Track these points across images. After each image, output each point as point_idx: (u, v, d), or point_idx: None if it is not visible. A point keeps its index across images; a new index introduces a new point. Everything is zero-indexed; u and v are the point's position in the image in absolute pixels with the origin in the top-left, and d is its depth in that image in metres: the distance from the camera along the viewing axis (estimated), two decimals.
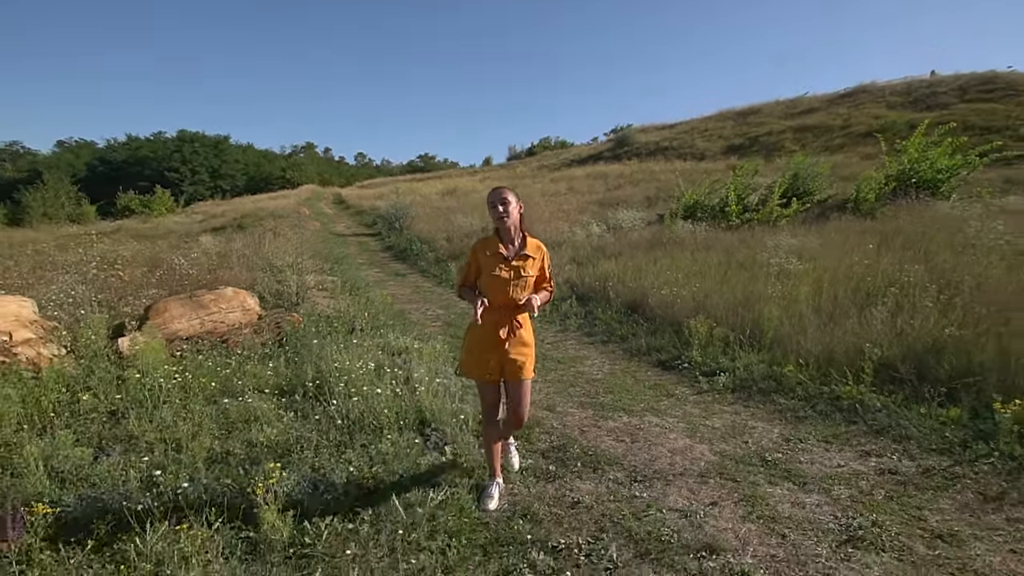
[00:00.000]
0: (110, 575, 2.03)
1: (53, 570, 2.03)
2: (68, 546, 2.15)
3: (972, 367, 3.68)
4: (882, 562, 2.14)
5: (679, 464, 2.97)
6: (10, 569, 2.00)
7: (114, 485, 2.63)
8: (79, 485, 2.66)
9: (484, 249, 2.51)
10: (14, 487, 2.62)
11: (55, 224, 34.29)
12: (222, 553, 2.07)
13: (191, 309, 4.94)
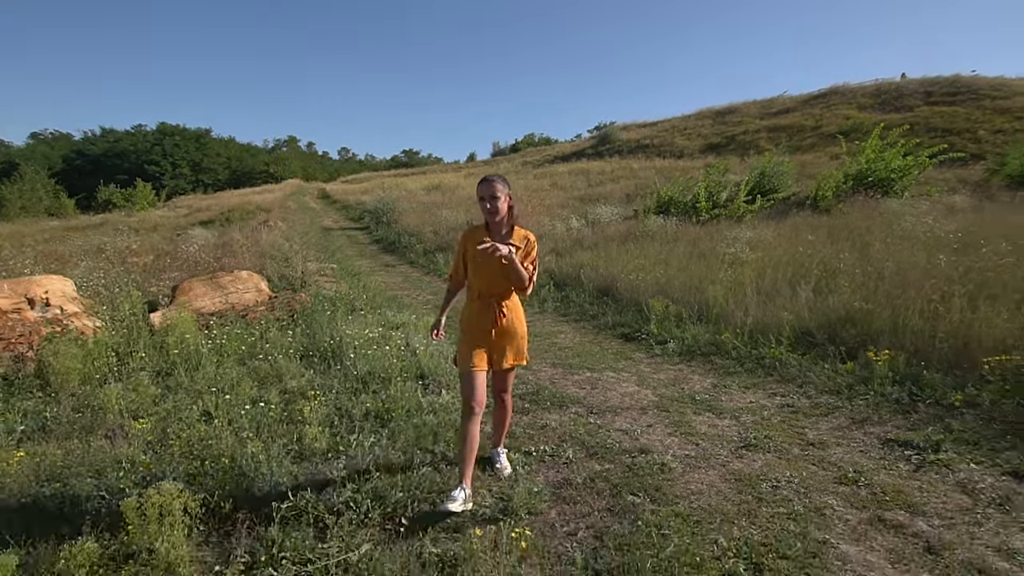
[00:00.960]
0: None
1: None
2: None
3: (871, 332, 4.54)
4: (765, 459, 2.94)
5: (627, 402, 3.76)
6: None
7: (180, 417, 3.33)
8: (151, 417, 3.35)
9: (471, 239, 2.57)
10: (99, 418, 3.31)
11: (34, 218, 34.01)
12: (278, 457, 2.79)
13: (212, 289, 5.61)
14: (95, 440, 3.03)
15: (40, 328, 4.50)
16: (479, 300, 2.57)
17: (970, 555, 2.11)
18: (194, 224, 23.40)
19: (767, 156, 15.50)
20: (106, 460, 2.80)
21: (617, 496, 2.56)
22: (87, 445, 2.98)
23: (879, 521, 2.36)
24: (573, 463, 2.90)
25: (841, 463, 2.88)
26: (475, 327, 2.57)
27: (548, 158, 39.51)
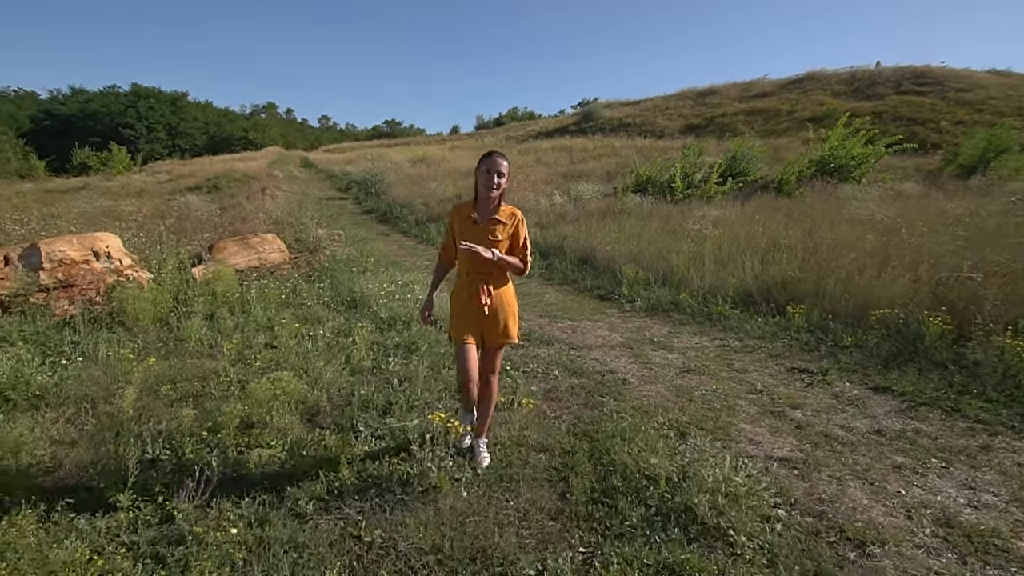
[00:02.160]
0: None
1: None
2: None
3: (799, 294, 5.60)
4: (700, 379, 3.97)
5: (600, 342, 4.77)
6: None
7: (250, 344, 4.21)
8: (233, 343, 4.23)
9: (458, 215, 2.63)
10: (184, 346, 4.18)
11: (4, 180, 33.17)
12: (337, 370, 3.70)
13: (244, 248, 6.41)
14: (189, 359, 3.90)
15: (106, 277, 5.28)
16: (468, 277, 2.59)
17: (823, 430, 3.16)
18: (181, 190, 23.55)
19: (739, 141, 16.44)
20: (204, 371, 3.68)
21: (590, 397, 3.56)
22: (183, 362, 3.85)
23: (770, 413, 3.40)
24: (558, 378, 3.89)
25: (754, 382, 3.92)
26: (464, 305, 2.60)
27: (532, 133, 39.81)
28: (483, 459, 2.69)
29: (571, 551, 2.10)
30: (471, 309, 2.58)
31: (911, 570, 2.02)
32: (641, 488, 2.47)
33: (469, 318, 2.59)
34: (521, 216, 2.64)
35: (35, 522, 2.07)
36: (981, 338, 4.01)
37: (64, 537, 2.01)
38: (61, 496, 2.30)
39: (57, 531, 2.08)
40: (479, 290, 2.55)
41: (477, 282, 2.55)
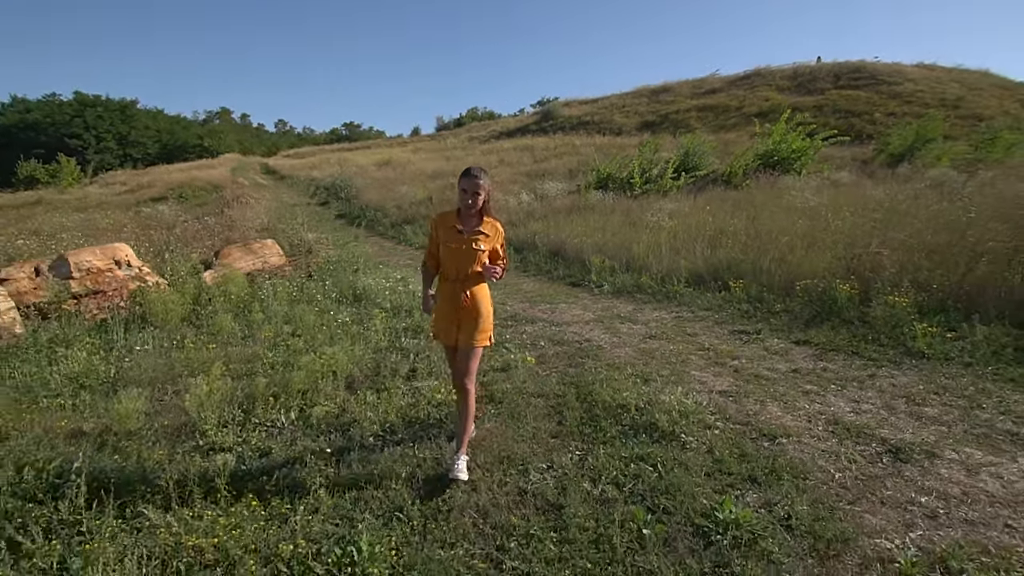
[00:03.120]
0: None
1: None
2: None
3: (741, 272, 6.57)
4: (659, 343, 4.85)
5: (575, 319, 5.62)
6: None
7: (276, 334, 4.87)
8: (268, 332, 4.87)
9: (443, 223, 2.75)
10: (219, 336, 4.80)
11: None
12: (360, 348, 4.41)
13: (247, 254, 6.99)
14: (230, 348, 4.54)
15: (128, 283, 5.82)
16: (449, 283, 2.75)
17: (754, 372, 4.07)
18: (145, 201, 23.31)
19: (691, 137, 17.55)
20: (246, 355, 4.34)
21: (572, 359, 4.40)
22: (226, 350, 4.48)
23: (715, 363, 4.31)
24: (545, 347, 4.71)
25: (703, 342, 4.83)
26: (445, 307, 2.76)
27: (494, 134, 40.36)
28: (460, 473, 2.65)
29: (570, 453, 2.91)
30: (450, 308, 2.74)
31: (805, 450, 2.92)
32: (617, 413, 3.30)
33: (449, 318, 2.75)
34: (502, 228, 2.84)
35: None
36: (879, 299, 5.03)
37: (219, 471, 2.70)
38: (183, 439, 2.98)
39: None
40: (458, 290, 2.71)
41: (457, 283, 2.72)
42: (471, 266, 2.70)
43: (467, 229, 2.69)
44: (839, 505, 2.43)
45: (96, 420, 3.25)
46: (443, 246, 2.73)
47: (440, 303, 2.81)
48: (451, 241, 2.69)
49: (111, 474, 2.59)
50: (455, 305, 2.73)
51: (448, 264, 2.74)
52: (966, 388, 3.64)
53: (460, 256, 2.69)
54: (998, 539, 2.20)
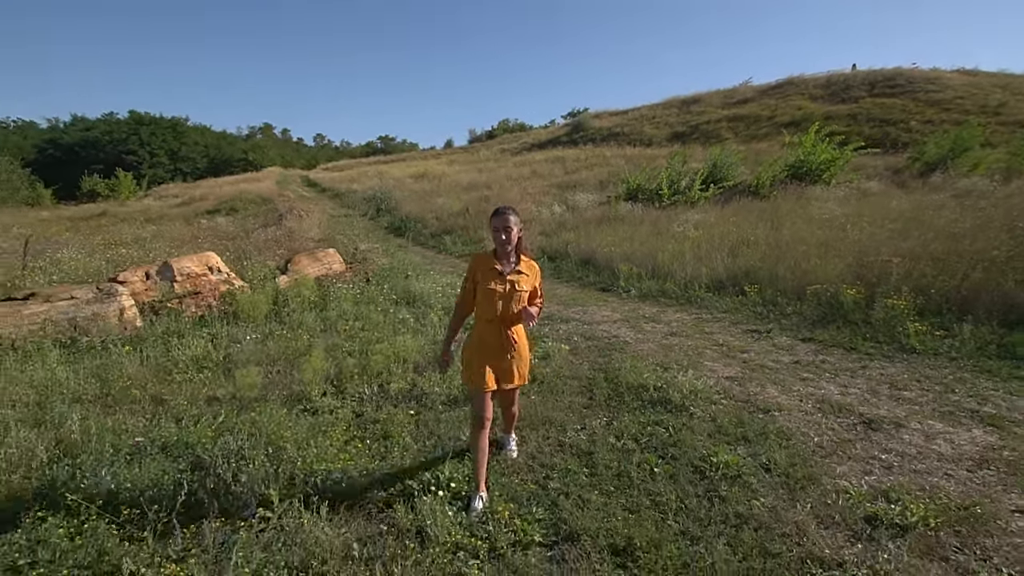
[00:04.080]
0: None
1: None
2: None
3: (758, 279, 7.16)
4: (679, 339, 5.51)
5: (605, 319, 6.32)
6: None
7: (351, 329, 5.73)
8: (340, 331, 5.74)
9: (481, 264, 2.71)
10: (302, 331, 5.69)
11: (16, 208, 34.26)
12: (423, 340, 5.21)
13: (314, 261, 7.94)
14: (315, 338, 5.42)
15: (219, 286, 6.80)
16: (488, 324, 2.71)
17: (760, 363, 4.71)
18: (201, 213, 24.93)
19: (719, 148, 17.98)
20: (328, 345, 5.19)
21: (601, 351, 5.11)
22: (311, 341, 5.36)
23: (726, 356, 4.95)
24: (577, 341, 5.43)
25: (718, 339, 5.47)
26: (485, 350, 2.72)
27: (525, 145, 41.07)
28: (512, 452, 3.16)
29: (598, 419, 3.64)
30: (492, 351, 2.71)
31: (793, 420, 3.57)
32: (638, 391, 4.01)
33: (488, 360, 2.71)
34: (539, 268, 2.85)
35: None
36: (881, 302, 5.58)
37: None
38: (295, 403, 3.82)
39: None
40: (501, 333, 2.70)
41: (500, 326, 2.70)
42: (513, 306, 2.69)
43: (507, 269, 2.68)
44: (813, 458, 3.09)
45: (224, 390, 4.13)
46: (481, 288, 2.69)
47: (476, 347, 2.76)
48: (491, 282, 2.66)
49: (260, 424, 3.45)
50: (498, 347, 2.72)
51: (487, 306, 2.69)
52: (945, 377, 4.21)
53: (501, 297, 2.66)
54: (935, 483, 2.82)
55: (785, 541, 2.36)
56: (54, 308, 5.51)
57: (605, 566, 2.25)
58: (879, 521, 2.48)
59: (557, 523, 2.53)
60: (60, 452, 3.03)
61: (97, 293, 5.81)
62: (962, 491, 2.72)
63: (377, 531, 2.47)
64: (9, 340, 5.05)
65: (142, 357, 4.80)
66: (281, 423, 3.40)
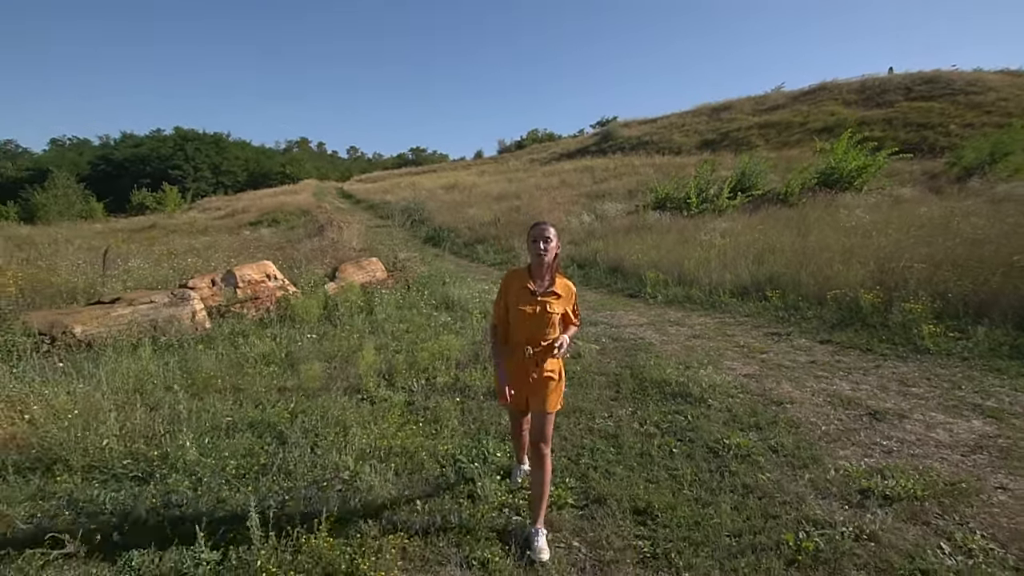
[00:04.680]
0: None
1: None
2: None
3: (781, 284, 7.43)
4: (702, 341, 5.85)
5: (631, 322, 6.71)
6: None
7: (396, 326, 6.27)
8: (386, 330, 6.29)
9: (513, 282, 2.60)
10: (353, 332, 6.25)
11: (73, 221, 36.31)
12: (463, 341, 5.70)
13: (359, 269, 8.55)
14: (362, 339, 5.96)
15: (276, 292, 7.45)
16: (519, 346, 2.59)
17: (778, 362, 5.03)
18: (244, 225, 26.14)
19: (747, 157, 18.04)
20: (376, 344, 5.73)
21: (628, 351, 5.50)
22: (361, 340, 5.90)
23: (746, 355, 5.28)
24: (606, 343, 5.84)
25: (739, 341, 5.80)
26: (516, 372, 2.60)
27: (554, 155, 41.48)
28: (541, 552, 2.46)
29: (624, 408, 4.04)
30: (520, 373, 2.59)
31: (803, 411, 3.90)
32: (661, 386, 4.40)
33: (517, 382, 2.59)
34: (575, 288, 2.72)
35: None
36: (898, 306, 5.81)
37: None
38: (353, 393, 4.35)
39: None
40: (531, 355, 2.55)
41: (529, 347, 2.56)
42: (544, 330, 2.54)
43: (539, 289, 2.55)
44: (818, 443, 3.43)
45: (291, 381, 4.68)
46: (513, 308, 2.57)
47: (508, 367, 2.63)
48: (522, 303, 2.53)
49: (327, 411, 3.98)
50: (527, 370, 2.58)
51: (518, 328, 2.57)
52: (954, 375, 4.46)
53: (532, 320, 2.52)
54: (929, 464, 3.13)
55: (784, 506, 2.73)
56: (136, 311, 6.21)
57: (627, 523, 2.66)
58: (871, 493, 2.82)
59: (587, 490, 2.96)
60: (172, 427, 3.60)
61: (172, 298, 6.49)
62: (952, 471, 3.03)
63: (435, 492, 2.94)
64: (102, 338, 5.74)
65: (216, 354, 5.41)
66: (345, 408, 3.92)
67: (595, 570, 2.36)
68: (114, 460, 3.12)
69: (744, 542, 2.47)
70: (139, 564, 2.27)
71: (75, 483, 2.90)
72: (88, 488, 2.85)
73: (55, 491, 2.83)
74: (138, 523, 2.59)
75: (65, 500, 2.77)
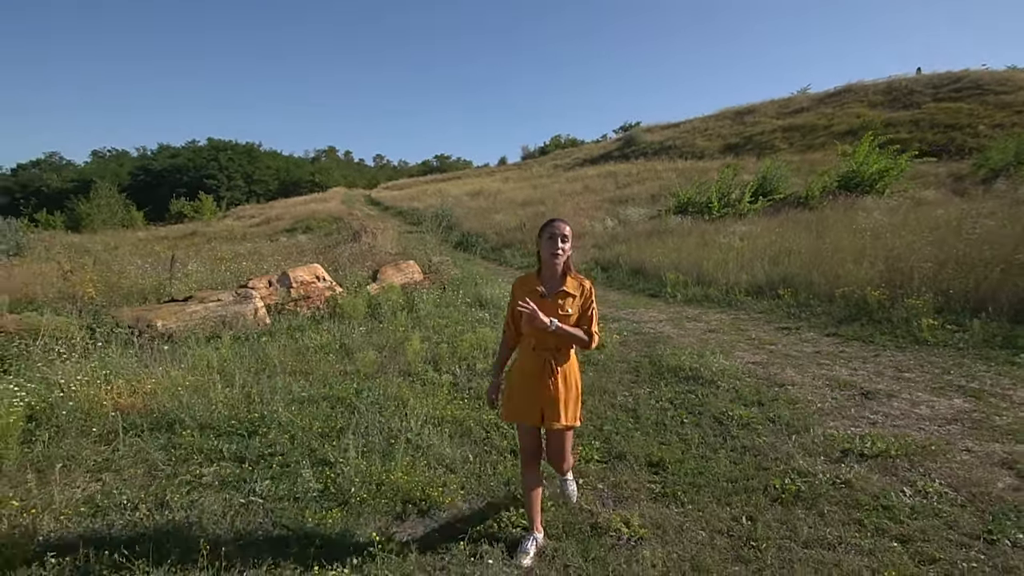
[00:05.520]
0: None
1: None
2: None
3: (794, 284, 7.87)
4: (716, 335, 6.36)
5: (652, 319, 7.25)
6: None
7: (436, 321, 6.93)
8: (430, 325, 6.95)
9: (523, 287, 2.52)
10: (395, 327, 6.93)
11: (115, 230, 38.03)
12: (498, 332, 6.31)
13: (397, 271, 9.27)
14: (406, 331, 6.63)
15: (325, 292, 8.19)
16: (533, 353, 2.48)
17: (785, 352, 5.52)
18: (279, 232, 27.27)
19: (769, 161, 18.30)
20: (420, 336, 6.39)
21: (647, 343, 6.05)
22: (407, 333, 6.57)
23: (756, 347, 5.79)
24: (627, 335, 6.40)
25: (751, 335, 6.29)
26: (529, 380, 2.48)
27: (577, 161, 41.91)
28: (572, 492, 2.94)
29: (642, 389, 4.61)
30: (533, 383, 2.45)
31: (802, 392, 4.41)
32: (676, 371, 4.95)
33: (530, 392, 2.47)
34: (591, 287, 2.50)
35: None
36: (902, 302, 6.23)
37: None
38: (405, 376, 5.00)
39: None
40: (545, 363, 2.43)
41: (544, 354, 2.44)
42: (557, 337, 2.39)
43: (550, 291, 2.43)
44: (812, 416, 3.94)
45: (350, 367, 5.36)
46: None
47: (518, 377, 2.54)
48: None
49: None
50: (540, 379, 2.44)
51: (530, 333, 2.46)
52: (946, 363, 4.91)
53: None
54: (906, 432, 3.62)
55: (775, 461, 3.27)
56: (207, 308, 7.00)
57: (643, 472, 3.24)
58: (851, 452, 3.34)
59: (610, 449, 3.54)
60: (261, 399, 4.30)
61: (236, 296, 7.28)
62: (926, 437, 3.52)
63: (483, 449, 3.56)
64: (179, 331, 6.54)
65: (279, 344, 6.14)
66: (400, 386, 4.57)
67: (616, 503, 2.94)
68: (222, 422, 3.82)
69: (739, 486, 3.02)
70: (262, 491, 2.94)
71: (195, 437, 3.59)
72: (207, 440, 3.55)
73: (181, 443, 3.53)
74: (254, 463, 3.28)
75: (191, 449, 3.48)
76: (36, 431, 3.60)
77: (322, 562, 2.37)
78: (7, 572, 2.27)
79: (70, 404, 3.79)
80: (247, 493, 2.94)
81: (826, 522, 2.66)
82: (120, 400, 4.04)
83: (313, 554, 2.46)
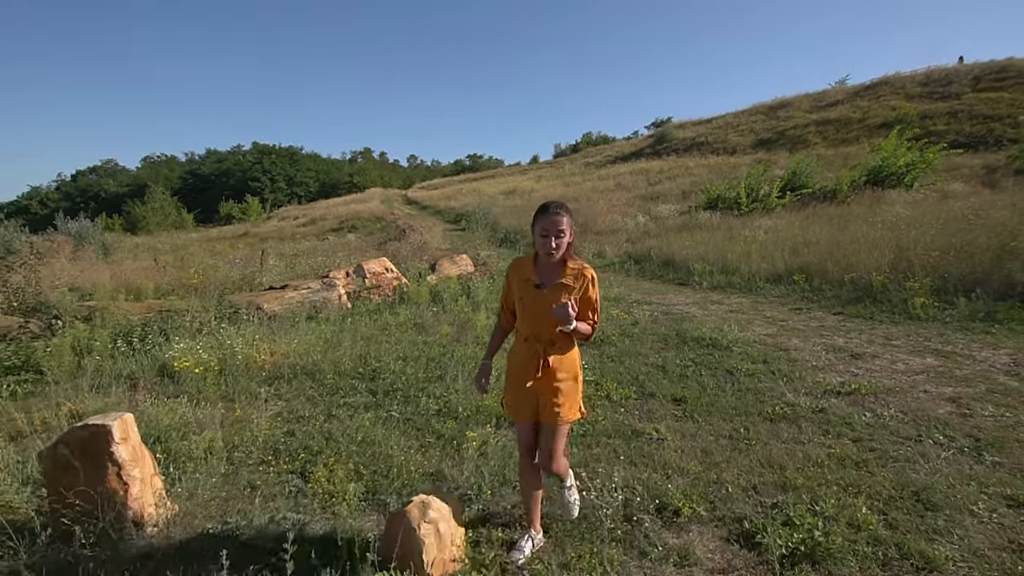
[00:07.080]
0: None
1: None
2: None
3: (811, 272, 8.75)
4: (737, 315, 7.35)
5: (680, 302, 8.28)
6: None
7: (492, 307, 8.11)
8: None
9: (518, 272, 2.37)
10: (457, 308, 8.14)
11: (169, 231, 40.30)
12: None
13: (452, 263, 10.51)
14: (469, 313, 7.83)
15: (392, 281, 9.48)
16: (526, 343, 2.35)
17: (793, 327, 6.50)
18: (327, 231, 28.87)
19: (798, 157, 18.75)
20: (482, 314, 7.58)
21: (675, 320, 7.10)
22: (470, 313, 7.76)
23: (771, 323, 6.77)
24: (657, 315, 7.45)
25: (768, 314, 7.26)
26: (520, 373, 2.35)
27: (609, 158, 42.42)
28: (572, 506, 2.65)
29: (669, 352, 5.68)
30: (527, 375, 2.33)
31: (803, 354, 5.40)
32: (699, 340, 6.00)
33: (524, 385, 2.34)
34: (592, 274, 2.30)
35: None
36: (901, 284, 7.10)
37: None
38: (476, 344, 6.19)
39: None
40: (538, 354, 2.30)
41: (537, 345, 2.31)
42: (553, 327, 2.26)
43: (546, 282, 2.28)
44: (807, 370, 4.95)
45: (429, 339, 6.58)
46: (519, 302, 2.36)
47: (511, 370, 2.43)
48: (526, 298, 2.31)
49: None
50: (531, 372, 2.31)
51: (525, 323, 2.36)
52: (930, 333, 5.81)
53: (538, 315, 2.29)
54: (880, 380, 4.61)
55: (771, 397, 4.32)
56: (300, 294, 8.36)
57: (668, 404, 4.33)
58: (831, 392, 4.36)
59: (643, 390, 4.64)
60: (372, 357, 5.55)
61: (323, 284, 8.62)
62: (894, 383, 4.50)
63: None
64: (279, 312, 7.91)
65: (364, 322, 7.43)
66: (476, 349, 5.76)
67: (648, 419, 4.05)
68: (350, 371, 5.09)
69: (739, 411, 4.09)
70: (396, 411, 4.17)
71: (335, 379, 4.86)
72: (344, 381, 4.82)
73: (325, 383, 4.81)
74: (384, 395, 4.52)
75: (334, 388, 4.74)
76: (220, 377, 4.92)
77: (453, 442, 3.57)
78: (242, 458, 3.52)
79: (238, 359, 5.11)
80: (387, 410, 4.17)
81: (801, 431, 3.71)
82: (267, 358, 5.35)
83: (442, 442, 3.66)
